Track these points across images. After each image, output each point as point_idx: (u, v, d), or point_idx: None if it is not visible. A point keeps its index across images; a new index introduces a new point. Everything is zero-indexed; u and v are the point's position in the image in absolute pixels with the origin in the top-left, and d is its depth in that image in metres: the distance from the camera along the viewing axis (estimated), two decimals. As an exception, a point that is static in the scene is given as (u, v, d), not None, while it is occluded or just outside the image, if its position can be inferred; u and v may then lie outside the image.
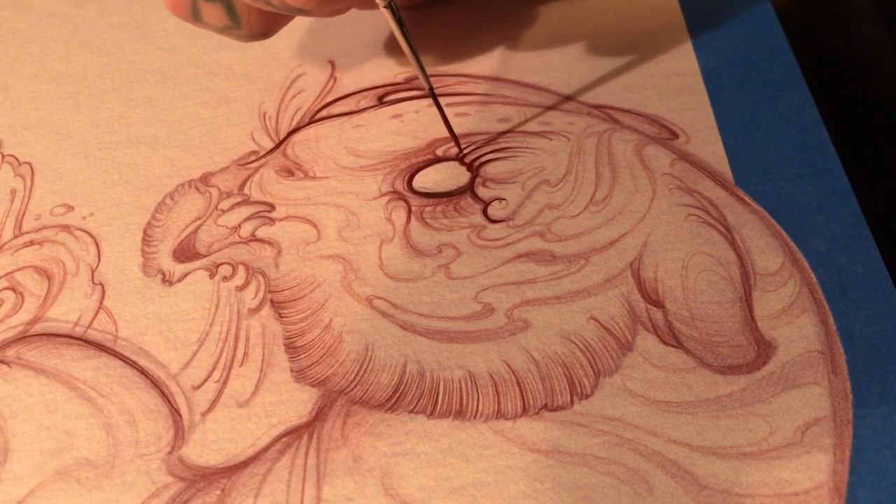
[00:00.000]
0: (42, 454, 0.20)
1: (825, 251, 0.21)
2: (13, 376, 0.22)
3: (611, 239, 0.22)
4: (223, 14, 0.22)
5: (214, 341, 0.22)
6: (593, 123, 0.25)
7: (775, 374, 0.19)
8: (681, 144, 0.24)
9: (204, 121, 0.27)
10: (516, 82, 0.27)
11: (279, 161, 0.26)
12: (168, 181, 0.26)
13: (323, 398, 0.20)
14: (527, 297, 0.21)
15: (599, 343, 0.20)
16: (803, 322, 0.20)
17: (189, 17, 0.22)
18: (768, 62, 0.26)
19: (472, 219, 0.23)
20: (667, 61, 0.26)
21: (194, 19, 0.22)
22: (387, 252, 0.23)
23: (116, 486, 0.19)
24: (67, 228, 0.25)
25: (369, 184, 0.25)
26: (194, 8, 0.21)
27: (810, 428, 0.18)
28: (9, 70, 0.30)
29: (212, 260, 0.23)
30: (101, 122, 0.28)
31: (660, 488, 0.18)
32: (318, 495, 0.19)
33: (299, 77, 0.28)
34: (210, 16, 0.22)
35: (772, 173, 0.23)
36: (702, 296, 0.21)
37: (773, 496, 0.17)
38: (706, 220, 0.22)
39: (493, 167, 0.24)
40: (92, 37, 0.31)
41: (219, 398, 0.21)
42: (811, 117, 0.24)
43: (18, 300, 0.23)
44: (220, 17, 0.22)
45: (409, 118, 0.26)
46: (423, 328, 0.21)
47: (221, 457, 0.20)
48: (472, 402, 0.20)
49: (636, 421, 0.19)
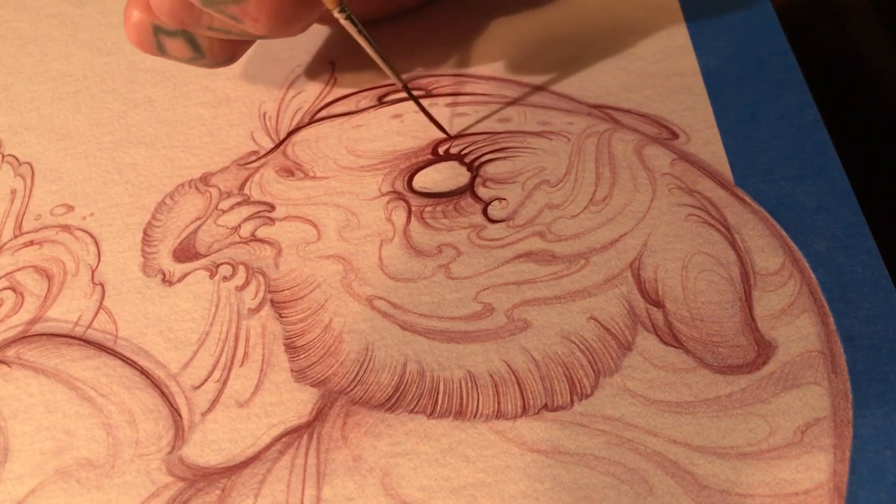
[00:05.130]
0: (42, 454, 0.20)
1: (825, 251, 0.21)
2: (13, 376, 0.22)
3: (611, 239, 0.22)
4: (186, 47, 0.23)
5: (214, 341, 0.22)
6: (593, 123, 0.25)
7: (775, 374, 0.19)
8: (681, 144, 0.24)
9: (204, 121, 0.27)
10: (516, 82, 0.27)
11: (279, 161, 0.26)
12: (168, 181, 0.26)
13: (323, 398, 0.20)
14: (527, 297, 0.21)
15: (599, 343, 0.20)
16: (803, 322, 0.20)
17: (155, 51, 0.23)
18: (768, 62, 0.26)
19: (472, 219, 0.23)
20: (667, 61, 0.26)
21: (160, 53, 0.23)
22: (387, 252, 0.23)
23: (116, 486, 0.19)
24: (67, 228, 0.25)
25: (369, 184, 0.25)
26: (159, 44, 0.23)
27: (810, 428, 0.18)
28: (9, 70, 0.30)
29: (212, 260, 0.23)
30: (101, 122, 0.28)
31: (660, 488, 0.18)
32: (318, 495, 0.19)
33: (299, 77, 0.28)
34: (174, 50, 0.23)
35: (772, 173, 0.23)
36: (702, 296, 0.21)
37: (773, 496, 0.17)
38: (706, 220, 0.22)
39: (493, 167, 0.24)
40: (92, 37, 0.31)
41: (219, 398, 0.21)
42: (811, 117, 0.24)
43: (18, 300, 0.23)
44: (183, 51, 0.23)
45: (409, 118, 0.26)
46: (423, 328, 0.21)
47: (221, 457, 0.20)
48: (472, 402, 0.20)
49: (636, 421, 0.19)
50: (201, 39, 0.23)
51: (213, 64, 0.24)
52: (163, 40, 0.23)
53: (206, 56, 0.24)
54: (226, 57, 0.24)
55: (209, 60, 0.24)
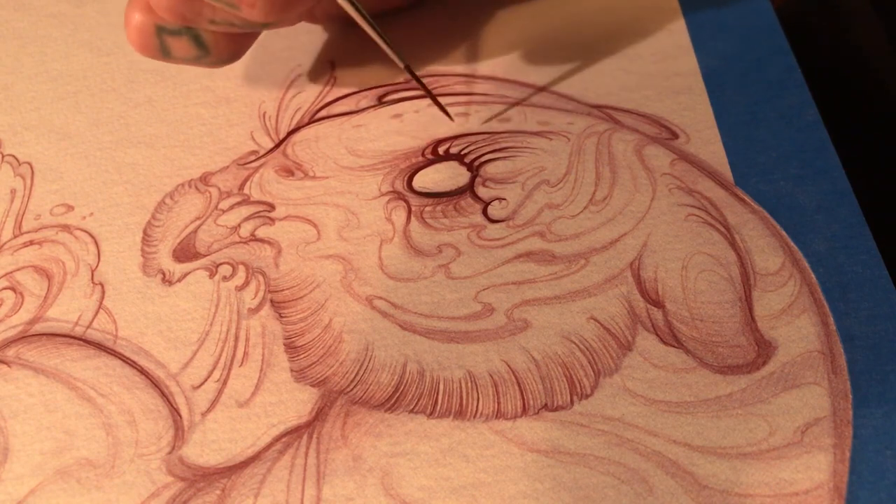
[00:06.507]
0: (42, 454, 0.20)
1: (825, 251, 0.21)
2: (13, 376, 0.22)
3: (611, 239, 0.22)
4: (191, 45, 0.23)
5: (214, 341, 0.22)
6: (593, 123, 0.25)
7: (775, 374, 0.19)
8: (681, 144, 0.24)
9: (204, 121, 0.27)
10: (516, 82, 0.27)
11: (279, 161, 0.26)
12: (168, 181, 0.26)
13: (323, 398, 0.20)
14: (527, 297, 0.21)
15: (599, 343, 0.20)
16: (803, 322, 0.20)
17: (158, 54, 0.23)
18: (768, 62, 0.26)
19: (472, 219, 0.23)
20: (667, 61, 0.26)
21: (164, 56, 0.23)
22: (387, 252, 0.23)
23: (116, 486, 0.19)
24: (67, 228, 0.25)
25: (369, 184, 0.25)
26: (162, 45, 0.23)
27: (810, 428, 0.18)
28: (9, 70, 0.30)
29: (212, 260, 0.23)
30: (101, 122, 0.28)
31: (660, 488, 0.18)
32: (318, 495, 0.19)
33: (299, 77, 0.28)
34: (179, 49, 0.23)
35: (772, 173, 0.23)
36: (702, 296, 0.21)
37: (773, 496, 0.17)
38: (706, 220, 0.22)
39: (493, 167, 0.24)
40: (92, 37, 0.31)
41: (219, 398, 0.21)
42: (811, 117, 0.24)
43: (18, 300, 0.23)
44: (188, 49, 0.23)
45: (409, 118, 0.26)
46: (423, 328, 0.21)
47: (221, 457, 0.20)
48: (472, 402, 0.20)
49: (636, 421, 0.19)
50: (205, 35, 0.23)
51: (217, 61, 0.24)
52: (166, 41, 0.23)
53: (212, 52, 0.23)
54: (231, 52, 0.24)
55: (214, 58, 0.23)
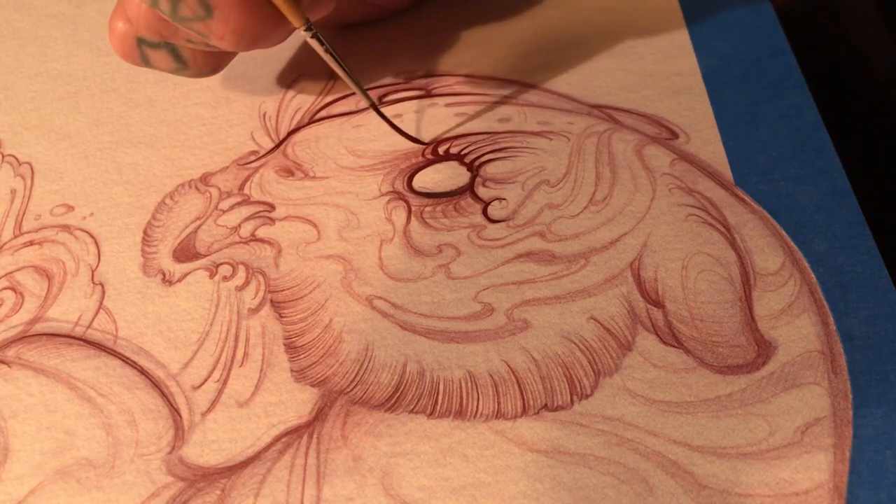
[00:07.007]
0: (42, 454, 0.20)
1: (825, 251, 0.21)
2: (13, 376, 0.22)
3: (611, 239, 0.22)
4: (169, 58, 0.23)
5: (214, 341, 0.22)
6: (593, 123, 0.25)
7: (775, 374, 0.19)
8: (681, 144, 0.24)
9: (204, 121, 0.27)
10: (517, 82, 0.27)
11: (279, 161, 0.26)
12: (168, 181, 0.26)
13: (323, 398, 0.20)
14: (527, 297, 0.21)
15: (599, 343, 0.20)
16: (803, 322, 0.20)
17: (140, 62, 0.23)
18: (768, 62, 0.26)
19: (472, 219, 0.23)
20: (667, 61, 0.26)
21: (145, 64, 0.23)
22: (387, 252, 0.23)
23: (116, 486, 0.19)
24: (67, 228, 0.25)
25: (369, 184, 0.25)
26: (143, 55, 0.23)
27: (810, 428, 0.18)
28: (9, 70, 0.30)
29: (212, 260, 0.23)
30: (102, 123, 0.28)
31: (660, 488, 0.18)
32: (318, 495, 0.19)
33: (299, 77, 0.28)
34: (158, 61, 0.23)
35: (772, 173, 0.23)
36: (702, 296, 0.21)
37: (773, 496, 0.17)
38: (706, 220, 0.22)
39: (493, 167, 0.24)
40: (92, 37, 0.31)
41: (219, 398, 0.21)
42: (811, 117, 0.24)
43: (18, 300, 0.23)
44: (167, 62, 0.23)
45: (408, 118, 0.26)
46: (423, 328, 0.21)
47: (221, 457, 0.20)
48: (472, 402, 0.20)
49: (636, 421, 0.19)
50: (184, 51, 0.23)
51: (196, 74, 0.24)
52: (146, 52, 0.23)
53: (190, 67, 0.23)
54: (210, 67, 0.24)
55: (193, 71, 0.24)
